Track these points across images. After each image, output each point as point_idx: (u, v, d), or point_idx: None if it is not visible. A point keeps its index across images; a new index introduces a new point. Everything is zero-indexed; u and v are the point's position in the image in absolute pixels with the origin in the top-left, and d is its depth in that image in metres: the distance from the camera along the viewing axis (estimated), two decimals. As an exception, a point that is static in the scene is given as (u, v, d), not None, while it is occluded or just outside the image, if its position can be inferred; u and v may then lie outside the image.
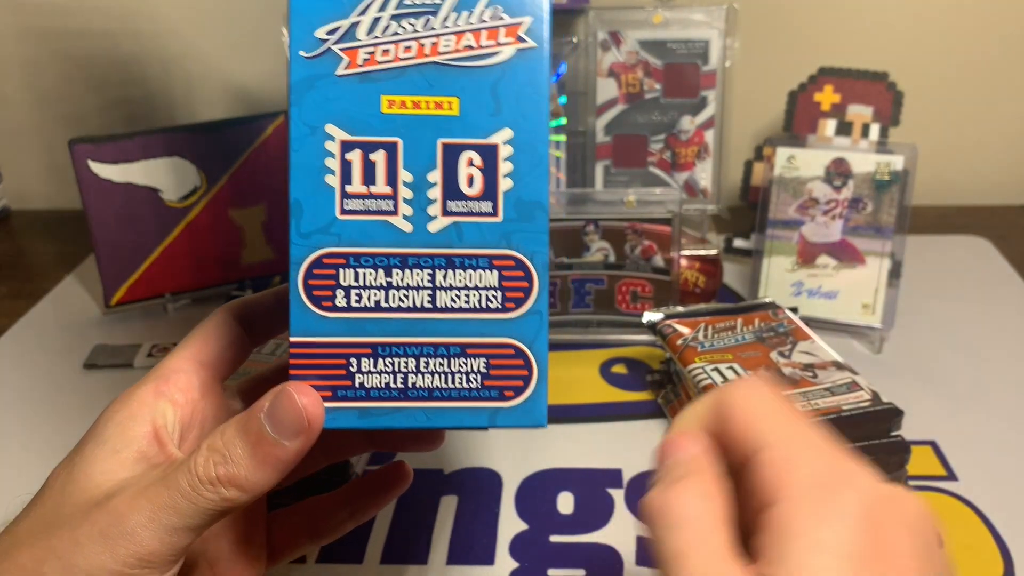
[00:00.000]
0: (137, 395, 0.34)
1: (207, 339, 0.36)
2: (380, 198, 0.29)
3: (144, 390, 0.34)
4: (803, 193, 0.68)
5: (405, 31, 0.28)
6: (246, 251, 0.77)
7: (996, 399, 0.61)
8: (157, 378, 0.35)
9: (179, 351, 0.36)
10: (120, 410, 0.34)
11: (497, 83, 0.28)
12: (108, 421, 0.34)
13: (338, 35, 0.28)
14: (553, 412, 0.61)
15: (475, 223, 0.29)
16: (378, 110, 0.28)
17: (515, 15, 0.28)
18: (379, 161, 0.29)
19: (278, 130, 0.76)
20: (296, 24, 0.28)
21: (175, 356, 0.35)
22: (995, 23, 0.87)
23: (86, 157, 0.71)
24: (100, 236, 0.72)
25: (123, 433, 0.33)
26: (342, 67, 0.28)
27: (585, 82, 0.72)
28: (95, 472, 0.32)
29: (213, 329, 0.36)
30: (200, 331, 0.36)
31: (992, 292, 0.75)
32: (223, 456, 0.31)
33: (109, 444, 0.33)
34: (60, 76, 0.96)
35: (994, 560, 0.48)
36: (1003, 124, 0.92)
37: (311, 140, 0.28)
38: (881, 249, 0.67)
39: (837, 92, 0.71)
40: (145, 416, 0.33)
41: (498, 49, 0.28)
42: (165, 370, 0.35)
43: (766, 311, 0.60)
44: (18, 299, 0.80)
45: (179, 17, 0.92)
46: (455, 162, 0.29)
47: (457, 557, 0.48)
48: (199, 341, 0.36)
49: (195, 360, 0.36)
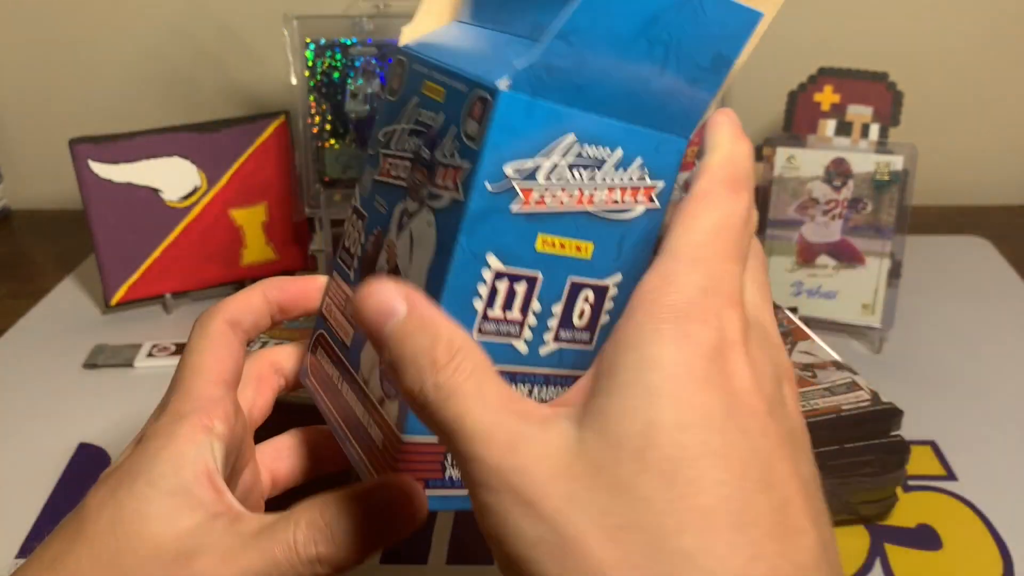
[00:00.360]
0: (183, 432, 0.33)
1: (222, 357, 0.36)
2: (511, 323, 0.31)
3: (190, 426, 0.33)
4: (803, 193, 0.68)
5: (573, 180, 0.30)
6: (246, 251, 0.77)
7: (996, 399, 0.61)
8: (198, 411, 0.33)
9: (202, 374, 0.35)
10: (167, 446, 0.33)
11: (624, 235, 0.31)
12: (155, 457, 0.32)
13: (523, 174, 0.29)
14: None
15: (575, 349, 0.32)
16: (533, 247, 0.30)
17: (654, 179, 0.31)
18: (520, 291, 0.31)
19: (278, 130, 0.76)
20: (488, 155, 0.29)
21: (204, 381, 0.35)
22: (994, 24, 0.87)
23: (86, 157, 0.71)
24: (100, 236, 0.72)
25: (175, 474, 0.32)
26: (516, 204, 0.30)
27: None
28: (151, 516, 0.31)
29: (223, 345, 0.36)
30: (210, 348, 0.36)
31: (992, 292, 0.75)
32: (325, 536, 0.30)
33: (161, 485, 0.32)
34: (60, 76, 0.96)
35: (993, 559, 0.48)
36: (1003, 124, 0.92)
37: (471, 266, 0.30)
38: (881, 249, 0.67)
39: (837, 92, 0.71)
40: (195, 456, 0.32)
41: (634, 206, 0.31)
42: (203, 400, 0.34)
43: None
44: (18, 299, 0.80)
45: (180, 17, 0.92)
46: (575, 298, 0.32)
47: (457, 557, 0.48)
48: (215, 361, 0.35)
49: (223, 383, 0.35)
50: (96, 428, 0.60)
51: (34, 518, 0.52)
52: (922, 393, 0.61)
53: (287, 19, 0.70)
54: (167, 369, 0.70)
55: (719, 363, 0.24)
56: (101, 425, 0.61)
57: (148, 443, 0.33)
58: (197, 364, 0.35)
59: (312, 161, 0.72)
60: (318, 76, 0.71)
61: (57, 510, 0.53)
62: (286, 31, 0.70)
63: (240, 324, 0.38)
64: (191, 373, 0.35)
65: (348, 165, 0.73)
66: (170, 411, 0.34)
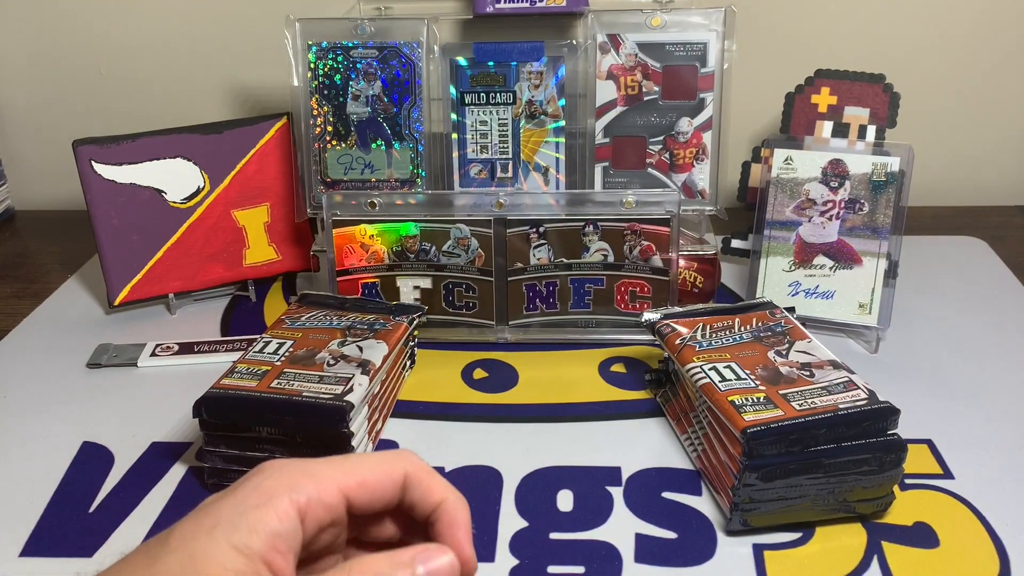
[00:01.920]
0: (282, 506, 0.34)
1: (368, 486, 0.36)
2: None
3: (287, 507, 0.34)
4: (800, 194, 0.68)
5: None
6: (249, 251, 0.78)
7: (992, 398, 0.61)
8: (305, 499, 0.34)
9: (337, 479, 0.35)
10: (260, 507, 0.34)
11: None
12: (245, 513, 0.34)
13: None
14: (553, 411, 0.62)
15: None
16: None
17: None
18: None
19: (280, 132, 0.76)
20: None
21: (332, 482, 0.35)
22: (991, 26, 0.88)
23: (90, 158, 0.71)
24: (104, 237, 0.73)
25: (251, 533, 0.33)
26: None
27: (584, 84, 0.72)
28: (214, 562, 0.33)
29: (381, 485, 0.36)
30: (371, 471, 0.36)
31: (988, 292, 0.76)
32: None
33: (235, 539, 0.33)
34: (64, 78, 0.96)
35: (990, 556, 0.48)
36: (998, 126, 0.92)
37: None
38: (877, 249, 0.67)
39: (834, 94, 0.71)
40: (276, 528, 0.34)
41: None
42: (318, 496, 0.35)
43: (763, 311, 0.61)
44: (22, 299, 0.80)
45: (183, 20, 0.92)
46: None
47: (458, 554, 0.49)
48: (358, 485, 0.36)
49: (343, 495, 0.35)
50: (100, 427, 0.61)
51: (38, 515, 0.53)
52: (919, 392, 0.62)
53: (289, 22, 0.71)
54: (170, 368, 0.70)
55: None
56: (105, 424, 0.61)
57: (251, 492, 0.34)
58: (350, 468, 0.36)
59: (314, 162, 0.73)
60: (320, 78, 0.72)
61: (61, 507, 0.53)
62: (288, 34, 0.71)
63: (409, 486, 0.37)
64: (338, 467, 0.36)
65: (349, 166, 0.73)
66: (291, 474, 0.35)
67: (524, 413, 0.61)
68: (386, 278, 0.68)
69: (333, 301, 0.65)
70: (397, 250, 0.68)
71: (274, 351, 0.57)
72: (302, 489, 0.34)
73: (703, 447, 0.54)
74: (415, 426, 0.60)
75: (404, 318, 0.63)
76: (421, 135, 0.73)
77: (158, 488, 0.55)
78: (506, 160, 0.73)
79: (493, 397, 0.63)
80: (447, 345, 0.69)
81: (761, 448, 0.48)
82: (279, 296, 0.79)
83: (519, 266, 0.67)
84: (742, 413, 0.49)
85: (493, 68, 0.72)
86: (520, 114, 0.73)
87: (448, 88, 0.72)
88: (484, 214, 0.67)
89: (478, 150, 0.73)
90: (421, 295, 0.68)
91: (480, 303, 0.68)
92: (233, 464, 0.53)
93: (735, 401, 0.51)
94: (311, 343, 0.58)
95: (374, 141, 0.73)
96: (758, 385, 0.52)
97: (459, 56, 0.72)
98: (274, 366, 0.55)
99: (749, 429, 0.48)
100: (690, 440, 0.56)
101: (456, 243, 0.67)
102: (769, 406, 0.50)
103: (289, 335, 0.59)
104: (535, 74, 0.72)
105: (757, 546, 0.49)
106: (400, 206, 0.67)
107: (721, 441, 0.51)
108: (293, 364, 0.55)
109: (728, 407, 0.50)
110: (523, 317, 0.68)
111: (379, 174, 0.73)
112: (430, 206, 0.67)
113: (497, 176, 0.74)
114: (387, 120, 0.72)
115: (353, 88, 0.72)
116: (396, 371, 0.62)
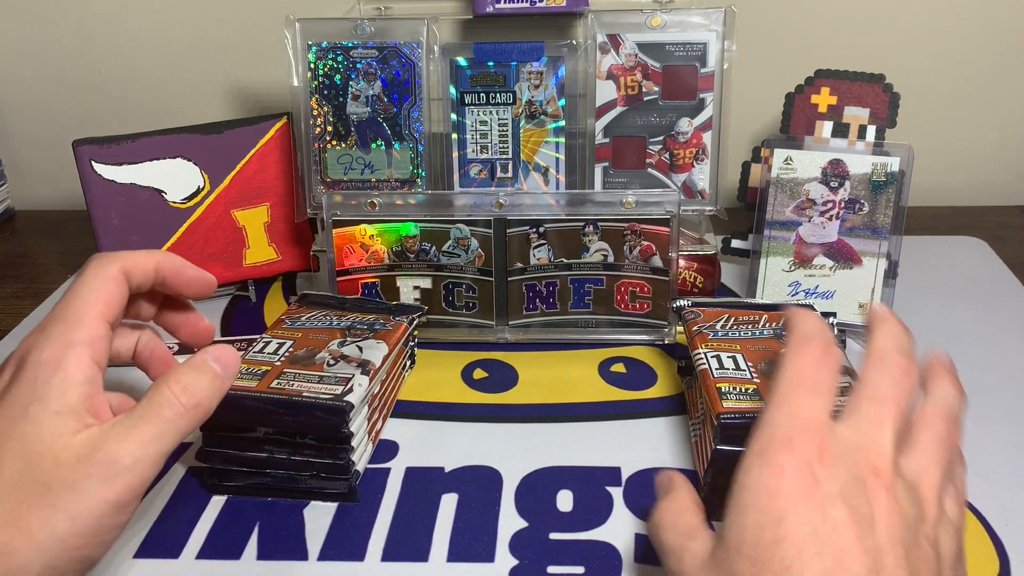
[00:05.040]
0: (72, 360, 0.40)
1: (112, 301, 0.42)
2: None
3: (79, 355, 0.40)
4: (800, 194, 0.68)
5: None
6: (249, 251, 0.78)
7: (992, 398, 0.61)
8: (87, 343, 0.40)
9: (93, 311, 0.41)
10: (56, 372, 0.39)
11: None
12: (46, 384, 0.39)
13: None
14: (553, 411, 0.62)
15: None
16: None
17: None
18: None
19: (280, 132, 0.77)
20: None
21: (95, 317, 0.41)
22: (991, 25, 0.88)
23: (90, 158, 0.71)
24: (104, 237, 0.73)
25: (62, 396, 0.39)
26: None
27: (584, 84, 0.72)
28: (44, 435, 0.38)
29: (115, 290, 0.43)
30: (103, 288, 0.42)
31: (988, 292, 0.76)
32: (192, 390, 0.42)
33: (51, 408, 0.39)
34: (64, 77, 0.96)
35: (990, 558, 0.48)
36: (998, 126, 0.92)
37: None
38: (877, 250, 0.67)
39: (834, 94, 0.71)
40: (82, 381, 0.40)
41: None
42: (91, 334, 0.41)
43: None
44: (22, 299, 0.80)
45: (183, 20, 0.92)
46: None
47: (457, 554, 0.49)
48: (106, 303, 0.42)
49: (107, 323, 0.42)
50: (100, 427, 0.61)
51: (40, 516, 0.53)
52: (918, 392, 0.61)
53: (289, 22, 0.71)
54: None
55: (795, 480, 0.33)
56: (105, 424, 0.61)
57: (38, 369, 0.39)
58: (90, 300, 0.42)
59: (314, 162, 0.73)
60: (320, 78, 0.72)
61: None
62: (288, 34, 0.71)
63: (132, 278, 0.44)
64: (84, 306, 0.42)
65: (349, 166, 0.73)
66: (59, 339, 0.40)
67: (524, 413, 0.61)
68: (386, 278, 0.68)
69: (333, 301, 0.65)
70: (397, 250, 0.68)
71: (274, 351, 0.57)
72: (76, 340, 0.40)
73: (699, 433, 0.55)
74: (415, 426, 0.60)
75: (404, 318, 0.63)
76: (421, 135, 0.73)
77: (158, 488, 0.55)
78: (506, 160, 0.73)
79: (493, 397, 0.63)
80: (447, 345, 0.69)
81: (733, 436, 0.48)
82: (279, 296, 0.79)
83: (519, 266, 0.67)
84: (723, 400, 0.50)
85: (493, 68, 0.72)
86: (520, 114, 0.73)
87: (448, 88, 0.72)
88: (484, 214, 0.67)
89: (478, 150, 0.73)
90: (421, 295, 0.68)
91: (480, 303, 0.68)
92: (233, 464, 0.53)
93: (721, 388, 0.51)
94: (311, 343, 0.58)
95: (374, 141, 0.73)
96: (754, 377, 0.53)
97: (459, 56, 0.72)
98: (274, 366, 0.55)
99: (723, 416, 0.49)
100: (693, 427, 0.57)
101: (456, 243, 0.67)
102: (755, 398, 0.50)
103: (289, 335, 0.59)
104: (535, 74, 0.72)
105: (757, 546, 0.49)
106: (400, 206, 0.67)
107: (711, 427, 0.52)
108: (293, 364, 0.55)
109: (714, 392, 0.51)
110: (523, 317, 0.68)
111: (379, 174, 0.73)
112: (430, 206, 0.67)
113: (497, 176, 0.74)
114: (387, 120, 0.72)
115: (353, 88, 0.72)
116: (396, 371, 0.62)
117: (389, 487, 0.54)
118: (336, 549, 0.49)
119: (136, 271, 0.44)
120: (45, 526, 0.37)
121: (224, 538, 0.50)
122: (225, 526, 0.52)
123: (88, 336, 0.41)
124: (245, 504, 0.53)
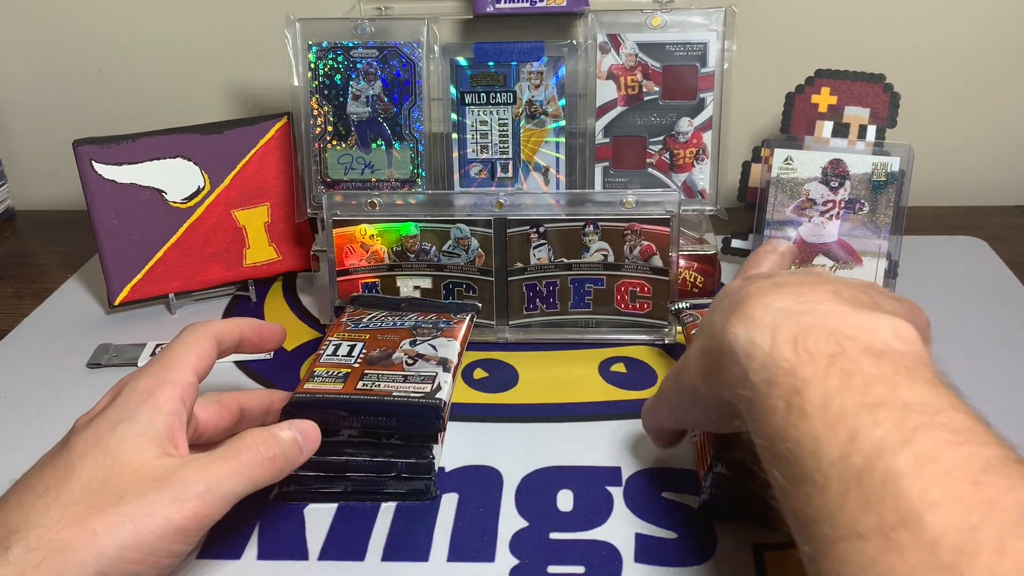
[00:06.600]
0: (164, 393, 0.45)
1: (203, 358, 0.48)
2: None
3: (170, 391, 0.45)
4: (800, 194, 0.68)
5: None
6: (249, 251, 0.78)
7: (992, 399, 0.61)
8: (177, 383, 0.46)
9: (186, 363, 0.47)
10: (148, 400, 0.44)
11: None
12: (137, 407, 0.44)
13: None
14: (553, 411, 0.62)
15: None
16: None
17: None
18: None
19: (280, 132, 0.77)
20: None
21: (186, 368, 0.47)
22: (991, 25, 0.88)
23: (90, 158, 0.71)
24: (104, 237, 0.73)
25: (150, 420, 0.43)
26: None
27: (584, 84, 0.72)
28: (127, 450, 0.42)
29: (207, 351, 0.48)
30: (196, 347, 0.48)
31: (988, 292, 0.76)
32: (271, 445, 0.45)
33: (138, 428, 0.43)
34: (64, 77, 0.96)
35: (988, 556, 0.48)
36: (998, 125, 0.92)
37: None
38: (877, 249, 0.67)
39: (834, 94, 0.71)
40: (168, 412, 0.44)
41: None
42: (182, 378, 0.46)
43: None
44: (23, 299, 0.80)
45: (183, 19, 0.92)
46: None
47: (458, 554, 0.49)
48: (198, 359, 0.48)
49: (197, 375, 0.47)
50: (101, 427, 0.61)
51: (40, 516, 0.53)
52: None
53: (289, 22, 0.71)
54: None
55: (756, 285, 0.40)
56: (106, 424, 0.61)
57: (131, 396, 0.44)
58: (183, 355, 0.47)
59: (314, 162, 0.73)
60: (320, 78, 0.72)
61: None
62: (288, 34, 0.71)
63: (222, 342, 0.50)
64: (179, 357, 0.47)
65: (349, 166, 0.73)
66: (154, 376, 0.45)
67: (524, 413, 0.61)
68: (386, 278, 0.68)
69: (388, 302, 0.65)
70: (397, 250, 0.68)
71: (347, 353, 0.56)
72: (169, 379, 0.45)
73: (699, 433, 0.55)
74: (415, 426, 0.60)
75: (464, 316, 0.63)
76: (421, 135, 0.73)
77: (158, 488, 0.55)
78: (506, 160, 0.73)
79: (493, 397, 0.63)
80: (447, 345, 0.69)
81: (732, 436, 0.48)
82: (279, 296, 0.79)
83: (519, 266, 0.67)
84: None
85: (493, 68, 0.72)
86: (520, 114, 0.73)
87: (448, 88, 0.72)
88: (484, 214, 0.67)
89: (478, 150, 0.73)
90: (421, 295, 0.69)
91: (480, 303, 0.68)
92: (309, 469, 0.51)
93: None
94: (382, 344, 0.58)
95: (374, 141, 0.73)
96: None
97: (459, 56, 0.72)
98: (353, 368, 0.54)
99: None
100: None
101: (456, 243, 0.67)
102: None
103: (358, 337, 0.59)
104: (535, 74, 0.72)
105: (757, 546, 0.49)
106: (400, 206, 0.67)
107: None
108: (372, 365, 0.55)
109: None
110: (523, 317, 0.68)
111: (379, 174, 0.73)
112: (430, 206, 0.67)
113: (497, 176, 0.74)
114: (387, 120, 0.73)
115: (353, 88, 0.72)
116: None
117: (389, 487, 0.54)
118: (336, 549, 0.49)
119: (226, 336, 0.51)
120: (110, 532, 0.39)
121: (225, 538, 0.50)
122: (226, 526, 0.51)
123: (179, 378, 0.46)
124: (245, 504, 0.53)
